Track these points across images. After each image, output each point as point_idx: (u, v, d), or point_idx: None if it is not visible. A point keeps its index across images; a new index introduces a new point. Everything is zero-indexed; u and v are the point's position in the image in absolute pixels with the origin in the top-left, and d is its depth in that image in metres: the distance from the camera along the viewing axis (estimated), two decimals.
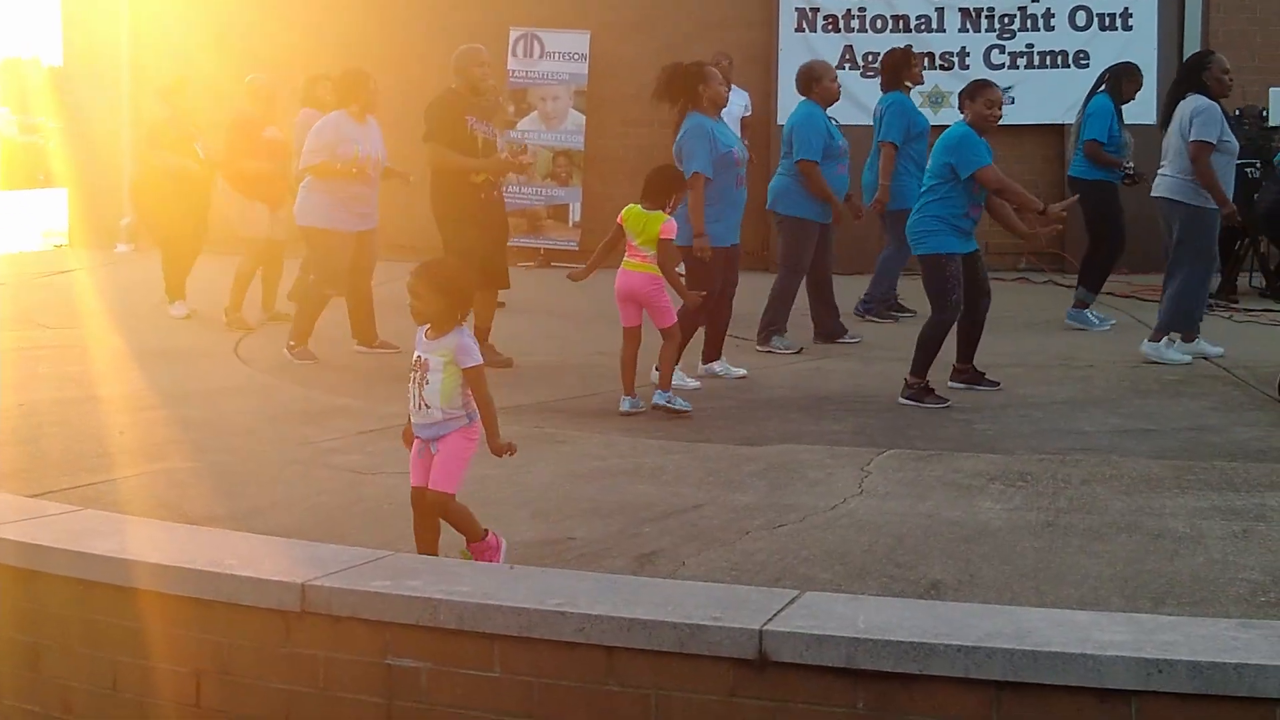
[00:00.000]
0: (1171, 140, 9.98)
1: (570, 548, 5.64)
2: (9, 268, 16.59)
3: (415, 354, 5.46)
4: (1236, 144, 10.03)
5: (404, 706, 4.93)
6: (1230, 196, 9.96)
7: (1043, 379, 9.45)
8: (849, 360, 10.27)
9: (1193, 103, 9.84)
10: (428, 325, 5.44)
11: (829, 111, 11.03)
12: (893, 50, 12.59)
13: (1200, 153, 9.70)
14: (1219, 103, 9.92)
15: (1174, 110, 10.00)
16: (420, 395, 5.40)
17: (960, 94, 8.95)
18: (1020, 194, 8.88)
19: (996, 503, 6.24)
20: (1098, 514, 6.04)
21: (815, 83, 10.94)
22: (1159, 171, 10.19)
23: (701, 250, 9.05)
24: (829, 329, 11.07)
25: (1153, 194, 10.23)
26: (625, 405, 8.34)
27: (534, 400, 8.77)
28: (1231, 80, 10.24)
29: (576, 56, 16.96)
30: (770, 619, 4.52)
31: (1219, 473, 6.76)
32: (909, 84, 12.12)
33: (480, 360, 5.40)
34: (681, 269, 8.92)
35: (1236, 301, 13.02)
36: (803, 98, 11.03)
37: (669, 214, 8.31)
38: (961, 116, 8.79)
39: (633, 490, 6.53)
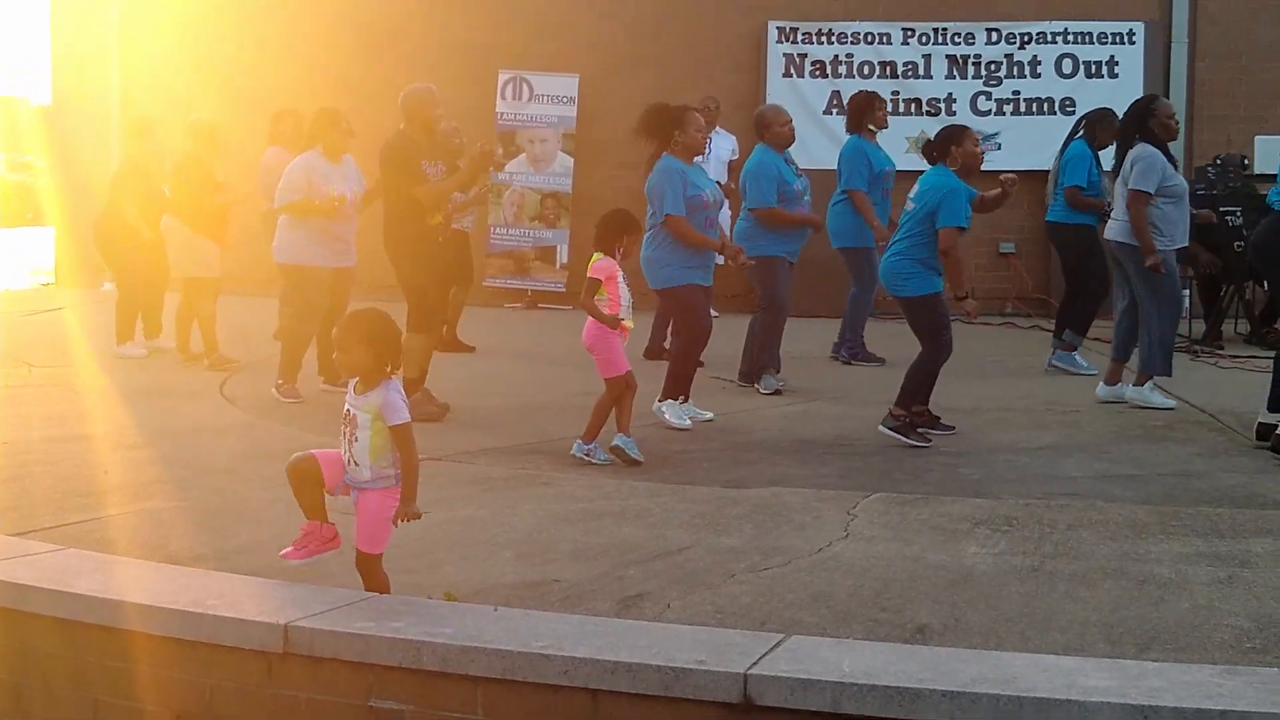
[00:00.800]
0: (1119, 187, 10.08)
1: (555, 590, 5.62)
2: None
3: (345, 407, 5.39)
4: (1184, 185, 10.09)
5: None
6: (1186, 239, 10.07)
7: (1028, 424, 9.46)
8: (836, 404, 10.28)
9: (1136, 151, 9.93)
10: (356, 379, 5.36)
11: (793, 151, 11.12)
12: (857, 93, 12.66)
13: (1134, 201, 9.82)
14: (1165, 147, 10.00)
15: (1124, 156, 10.10)
16: (350, 452, 5.33)
17: (939, 142, 8.94)
18: (958, 272, 8.87)
19: (982, 547, 6.23)
20: (1083, 559, 6.04)
21: (766, 129, 10.99)
22: (1111, 216, 10.31)
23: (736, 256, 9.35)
24: (753, 371, 11.04)
25: (1105, 236, 10.37)
26: (574, 449, 8.32)
27: (519, 442, 8.76)
28: (1177, 124, 10.39)
29: (565, 99, 17.02)
30: (755, 663, 4.51)
31: (1204, 518, 6.76)
32: (872, 128, 12.17)
33: (408, 418, 5.27)
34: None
35: (1222, 348, 13.06)
36: (759, 142, 11.06)
37: (617, 258, 8.28)
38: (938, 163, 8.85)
39: (618, 532, 6.52)
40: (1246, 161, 13.99)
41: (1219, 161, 13.92)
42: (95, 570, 5.70)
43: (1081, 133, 11.78)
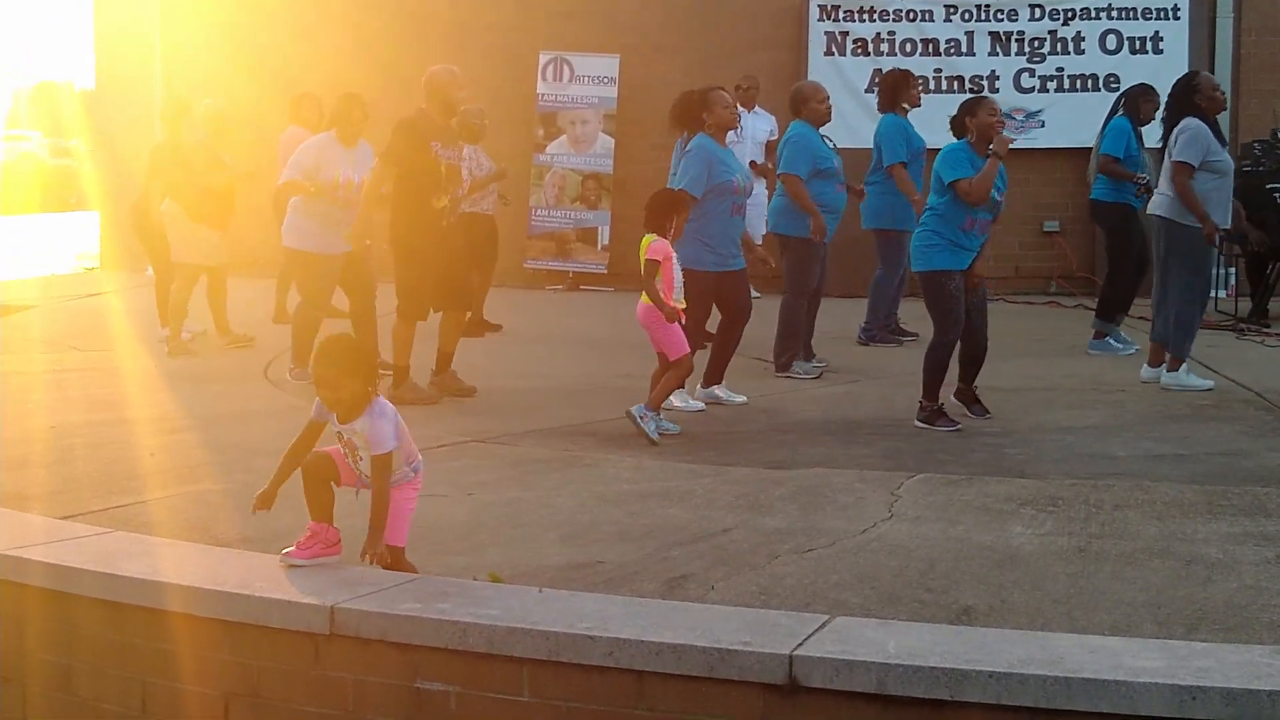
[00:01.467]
0: (1167, 163, 9.99)
1: (599, 571, 5.62)
2: (41, 290, 16.68)
3: (335, 429, 5.35)
4: (1229, 163, 10.01)
5: None
6: (1226, 219, 9.95)
7: (1074, 403, 9.41)
8: (880, 385, 10.25)
9: (1182, 124, 9.86)
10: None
11: (826, 130, 11.05)
12: (891, 71, 12.63)
13: (1179, 172, 9.73)
14: (1214, 122, 9.93)
15: (1170, 133, 10.03)
16: (357, 468, 5.36)
17: (956, 116, 8.86)
18: (988, 171, 8.61)
19: (1028, 528, 6.20)
20: (1130, 539, 6.00)
21: (804, 105, 10.92)
22: (1156, 190, 10.22)
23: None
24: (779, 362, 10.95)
25: (1148, 211, 10.27)
26: (634, 409, 8.30)
27: (563, 423, 8.77)
28: (1223, 96, 10.29)
29: (606, 80, 16.99)
30: (800, 644, 4.51)
31: (1251, 498, 6.71)
32: (906, 106, 12.10)
33: (392, 445, 5.24)
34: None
35: (1269, 326, 12.95)
36: (795, 119, 11.00)
37: (669, 237, 8.30)
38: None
39: (662, 514, 6.52)
40: None
41: (1275, 134, 13.79)
42: (142, 553, 5.74)
43: (1122, 109, 11.70)
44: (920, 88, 12.49)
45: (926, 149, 11.96)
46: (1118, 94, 12.28)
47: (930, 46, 16.48)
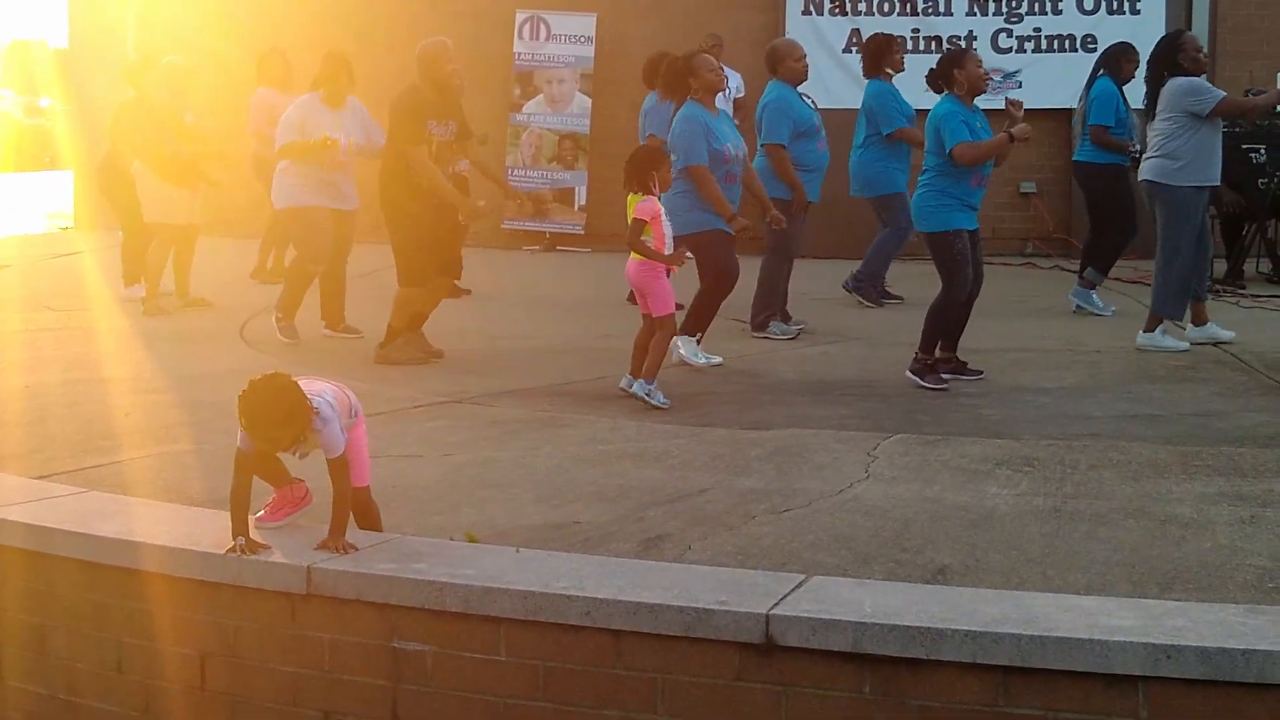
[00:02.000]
0: (1157, 124, 9.88)
1: (576, 531, 5.63)
2: (15, 250, 16.60)
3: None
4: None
5: (410, 690, 4.94)
6: (1218, 178, 9.93)
7: (1050, 364, 9.43)
8: (856, 346, 10.26)
9: (1181, 83, 9.76)
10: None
11: (804, 88, 11.01)
12: (874, 36, 12.53)
13: (1224, 106, 9.70)
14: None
15: (1155, 94, 9.93)
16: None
17: (942, 68, 8.77)
18: (989, 146, 8.69)
19: (1003, 488, 6.22)
20: (1105, 499, 6.03)
21: (779, 64, 10.86)
22: (1144, 157, 10.15)
23: (738, 226, 9.18)
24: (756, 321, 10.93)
25: (1139, 178, 10.20)
26: (623, 383, 8.29)
27: (540, 384, 8.77)
28: (1206, 58, 10.21)
29: (583, 39, 16.93)
30: (777, 603, 4.52)
31: (1226, 458, 6.74)
32: (889, 70, 12.04)
33: (343, 446, 5.19)
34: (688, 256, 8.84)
35: (1244, 287, 12.99)
36: (772, 78, 10.96)
37: (655, 194, 8.26)
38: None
39: (638, 474, 6.52)
40: None
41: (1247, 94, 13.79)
42: (118, 513, 5.73)
43: (1104, 70, 11.69)
44: (901, 52, 12.42)
45: (915, 111, 11.93)
46: (1098, 54, 12.24)
47: (908, 6, 16.45)
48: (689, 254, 8.49)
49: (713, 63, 9.48)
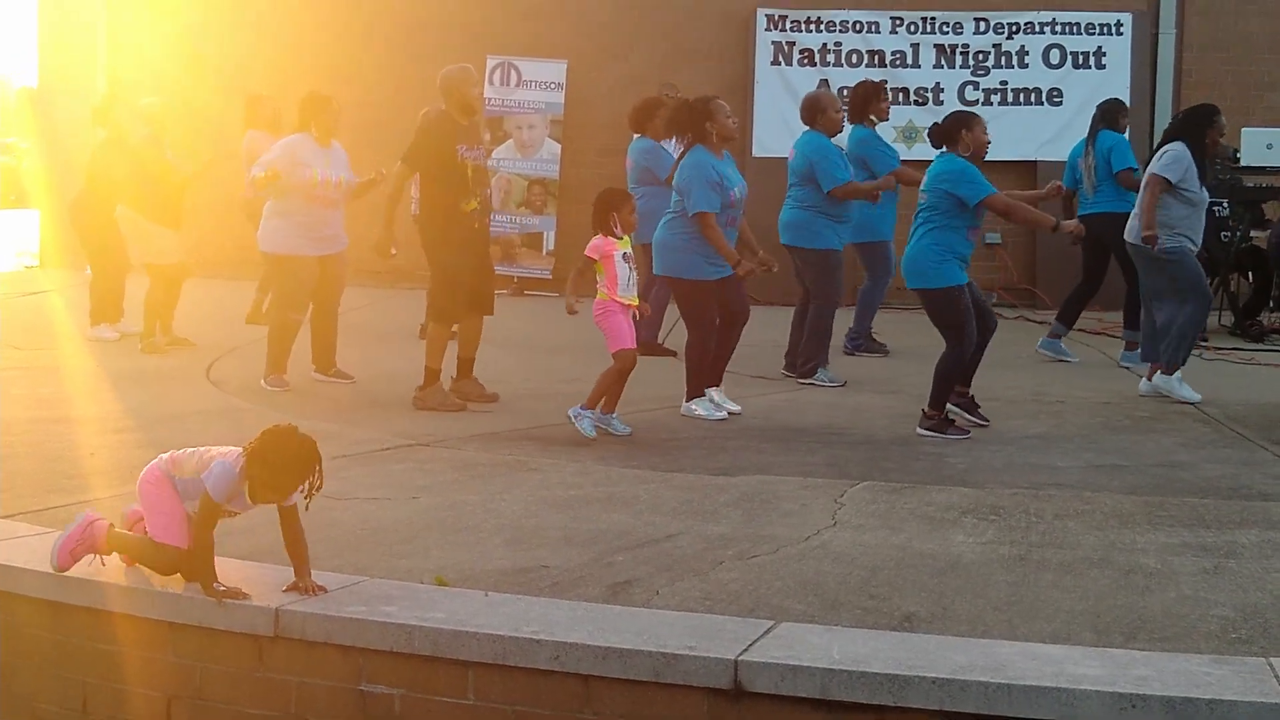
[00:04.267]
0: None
1: (544, 576, 5.63)
2: None
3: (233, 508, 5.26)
4: (1203, 198, 10.07)
5: None
6: (1199, 240, 10.07)
7: (1015, 414, 9.49)
8: (824, 393, 10.29)
9: (1169, 146, 9.93)
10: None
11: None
12: (865, 82, 12.51)
13: (1151, 184, 9.90)
14: (1204, 160, 10.04)
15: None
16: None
17: (950, 126, 8.88)
18: (1027, 213, 9.12)
19: (970, 536, 6.26)
20: (1070, 549, 6.06)
21: (821, 114, 10.98)
22: (1131, 214, 10.23)
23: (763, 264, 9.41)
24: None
25: (1128, 239, 10.24)
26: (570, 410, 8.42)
27: (508, 428, 8.77)
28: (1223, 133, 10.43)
29: (553, 85, 17.01)
30: (746, 649, 4.54)
31: (1190, 509, 6.79)
32: (874, 118, 12.11)
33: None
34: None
35: (1206, 340, 13.09)
36: (808, 130, 11.05)
37: (616, 234, 8.34)
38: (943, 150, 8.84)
39: (607, 519, 6.53)
40: (1237, 154, 14.00)
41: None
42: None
43: (1103, 123, 11.84)
44: (888, 100, 12.48)
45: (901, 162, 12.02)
46: (1096, 109, 12.27)
47: (876, 58, 16.60)
48: (634, 305, 8.56)
49: (728, 109, 9.59)
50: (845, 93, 15.40)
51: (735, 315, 9.41)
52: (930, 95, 16.41)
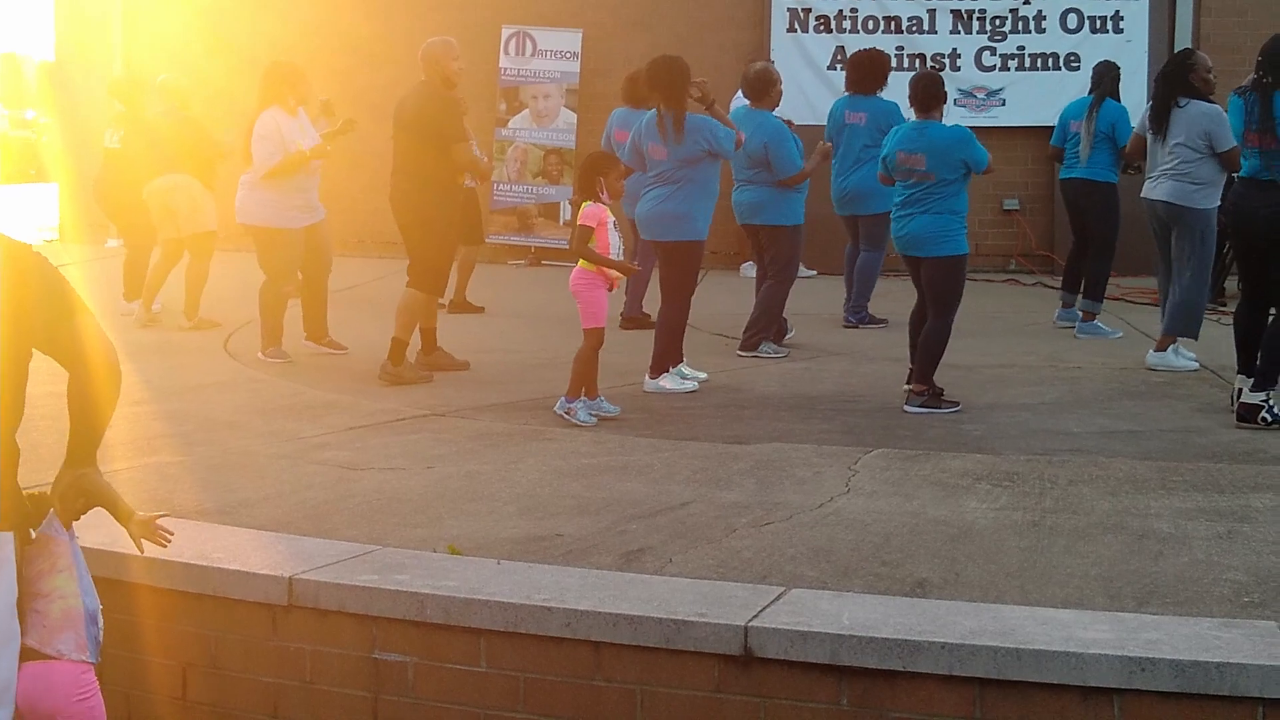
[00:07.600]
0: (1173, 146, 9.78)
1: (557, 544, 5.65)
2: None
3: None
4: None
5: (390, 700, 4.96)
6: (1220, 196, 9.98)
7: (1031, 380, 9.47)
8: (839, 361, 10.29)
9: (1200, 109, 9.69)
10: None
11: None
12: (878, 53, 12.45)
13: (1234, 155, 9.45)
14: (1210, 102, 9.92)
15: (1166, 113, 9.87)
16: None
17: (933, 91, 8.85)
18: None
19: (983, 502, 6.26)
20: (1083, 514, 6.07)
21: (771, 87, 10.78)
22: (1157, 175, 10.02)
23: None
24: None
25: (1151, 198, 10.06)
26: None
27: (523, 398, 8.79)
28: (1215, 79, 10.18)
29: (569, 55, 16.96)
30: (756, 615, 4.55)
31: (1204, 474, 6.79)
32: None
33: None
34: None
35: (1224, 305, 13.04)
36: (758, 104, 10.83)
37: (603, 201, 8.16)
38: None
39: (620, 487, 6.55)
40: None
41: None
42: (102, 524, 5.71)
43: (1105, 89, 11.74)
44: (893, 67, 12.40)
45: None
46: (1094, 75, 12.15)
47: (892, 24, 16.49)
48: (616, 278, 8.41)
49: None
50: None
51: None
52: (947, 61, 16.29)
